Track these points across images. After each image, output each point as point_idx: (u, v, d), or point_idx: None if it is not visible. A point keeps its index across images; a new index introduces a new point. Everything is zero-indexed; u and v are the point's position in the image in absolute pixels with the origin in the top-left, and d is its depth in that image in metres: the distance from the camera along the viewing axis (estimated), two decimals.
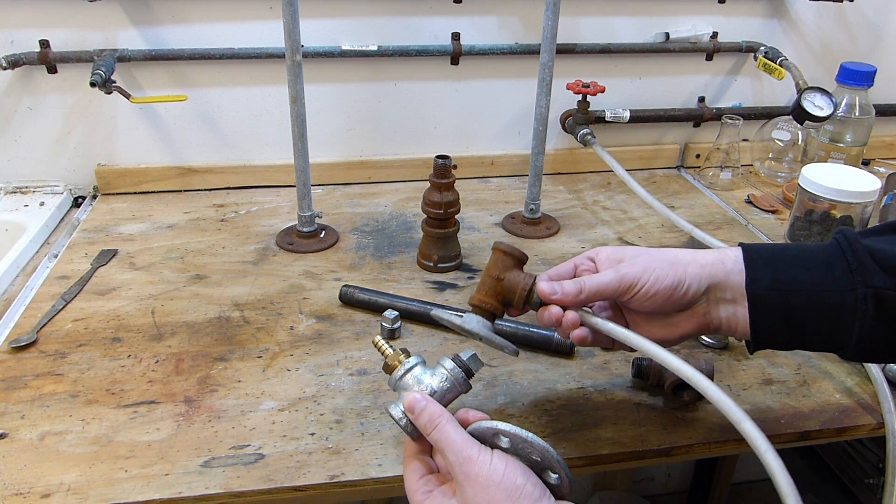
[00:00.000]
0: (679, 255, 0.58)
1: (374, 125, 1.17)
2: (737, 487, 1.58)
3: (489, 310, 0.61)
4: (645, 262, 0.57)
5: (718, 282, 0.56)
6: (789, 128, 1.20)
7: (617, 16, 1.17)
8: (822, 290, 0.53)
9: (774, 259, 0.55)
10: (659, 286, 0.56)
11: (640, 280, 0.56)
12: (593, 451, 0.65)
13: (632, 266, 0.57)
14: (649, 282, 0.56)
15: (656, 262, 0.57)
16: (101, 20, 1.03)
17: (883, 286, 0.52)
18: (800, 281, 0.54)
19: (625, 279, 0.57)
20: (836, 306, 0.53)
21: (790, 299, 0.54)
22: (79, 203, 1.11)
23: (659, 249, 0.59)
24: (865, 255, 0.53)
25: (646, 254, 0.58)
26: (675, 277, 0.56)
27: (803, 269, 0.54)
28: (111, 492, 0.59)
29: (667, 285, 0.56)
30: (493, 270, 0.61)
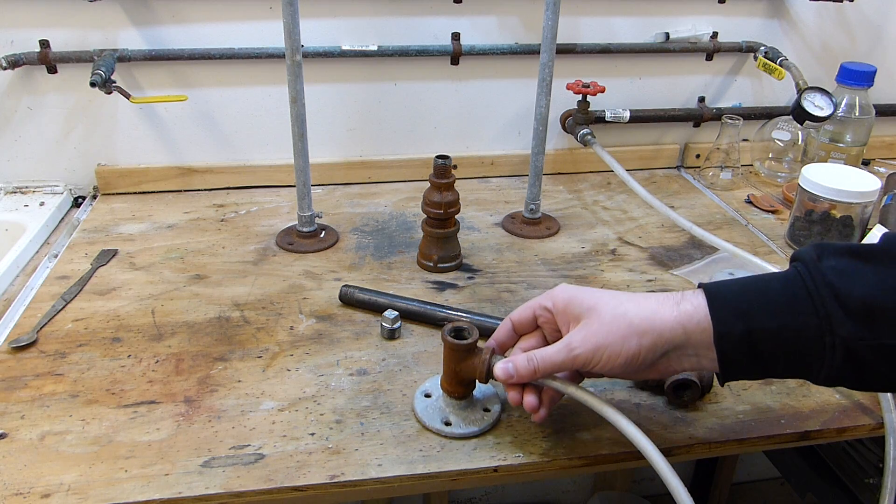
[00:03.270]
0: (635, 323, 0.56)
1: (374, 125, 1.17)
2: (737, 487, 1.59)
3: (458, 397, 0.66)
4: (596, 342, 0.56)
5: (678, 346, 0.55)
6: (789, 128, 1.20)
7: (617, 16, 1.17)
8: (789, 336, 0.53)
9: (741, 307, 0.54)
10: (612, 364, 0.56)
11: (591, 360, 0.57)
12: (593, 451, 0.65)
13: (583, 344, 0.57)
14: (601, 361, 0.56)
15: (609, 336, 0.56)
16: (101, 20, 1.03)
17: (850, 336, 0.51)
18: (767, 329, 0.53)
19: (577, 360, 0.57)
20: (805, 351, 0.53)
21: (759, 346, 0.53)
22: (79, 203, 1.11)
23: (616, 309, 0.57)
24: (831, 299, 0.52)
25: (599, 320, 0.57)
26: (628, 354, 0.56)
27: (770, 315, 0.53)
28: (111, 492, 0.59)
29: (620, 363, 0.56)
30: (450, 363, 0.65)
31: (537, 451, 0.64)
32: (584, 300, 0.59)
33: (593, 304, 0.58)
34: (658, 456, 0.56)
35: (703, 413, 0.70)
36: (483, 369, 0.63)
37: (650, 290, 0.90)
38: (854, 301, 0.51)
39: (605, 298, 0.58)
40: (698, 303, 0.55)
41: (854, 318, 0.51)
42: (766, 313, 0.53)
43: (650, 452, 0.56)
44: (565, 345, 0.58)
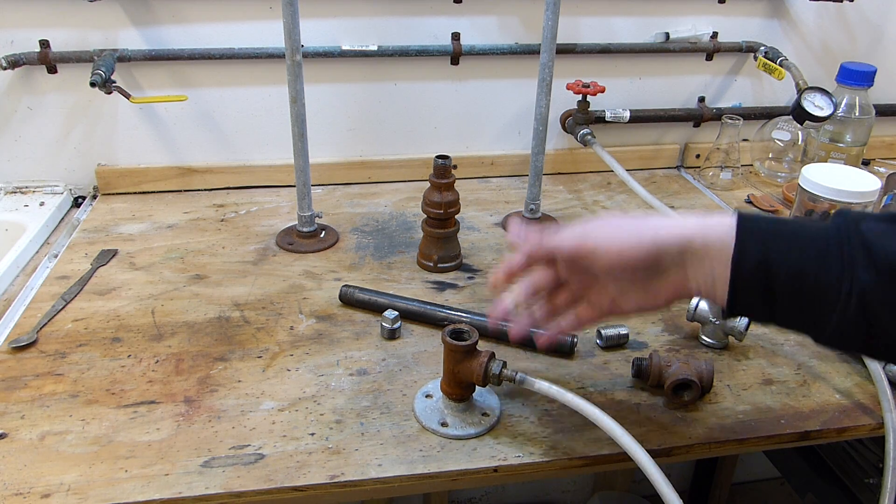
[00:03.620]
0: (651, 222, 0.56)
1: (374, 125, 1.17)
2: (737, 487, 1.59)
3: (456, 399, 0.67)
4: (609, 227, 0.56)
5: (695, 251, 0.54)
6: (789, 128, 1.20)
7: (617, 16, 1.17)
8: (808, 278, 0.51)
9: (768, 235, 0.53)
10: (621, 255, 0.55)
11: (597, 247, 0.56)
12: (593, 451, 0.65)
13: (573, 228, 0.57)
14: (611, 249, 0.55)
15: (621, 227, 0.56)
16: (101, 20, 1.03)
17: (870, 287, 0.50)
18: (788, 263, 0.52)
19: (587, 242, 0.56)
20: (819, 297, 0.51)
21: (774, 282, 0.52)
22: (79, 203, 1.11)
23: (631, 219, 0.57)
24: (860, 250, 0.50)
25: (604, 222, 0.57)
26: (640, 244, 0.54)
27: (796, 249, 0.52)
28: (111, 492, 0.59)
29: (630, 255, 0.55)
30: (449, 364, 0.65)
31: (537, 451, 0.64)
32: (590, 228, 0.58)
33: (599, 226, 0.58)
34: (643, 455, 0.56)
35: (703, 413, 0.70)
36: (480, 372, 0.63)
37: None
38: (883, 256, 0.50)
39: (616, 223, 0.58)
40: (726, 221, 0.53)
41: (879, 271, 0.50)
42: (792, 250, 0.52)
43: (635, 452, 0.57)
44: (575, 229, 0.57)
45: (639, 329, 0.82)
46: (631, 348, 0.79)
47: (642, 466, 0.57)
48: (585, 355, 0.78)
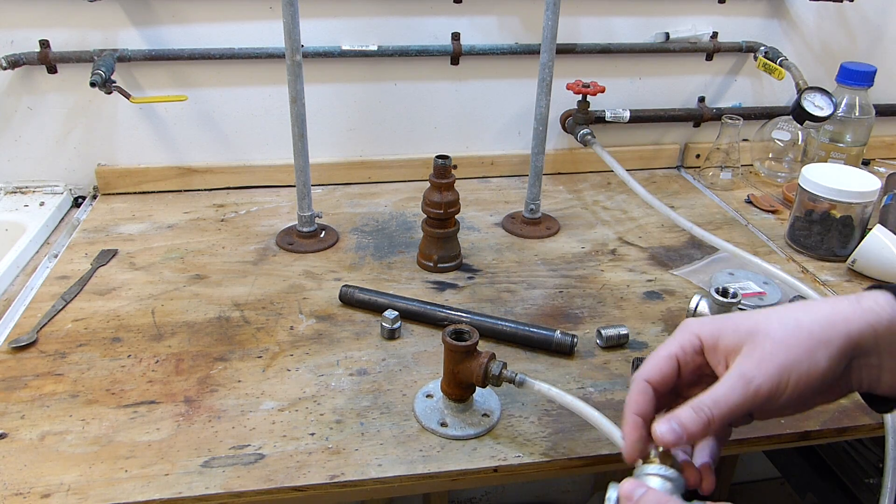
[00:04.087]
0: (816, 332, 0.44)
1: (374, 125, 1.17)
2: (737, 487, 1.58)
3: (456, 399, 0.66)
4: (778, 364, 0.44)
5: (865, 351, 0.45)
6: (789, 128, 1.20)
7: (617, 16, 1.17)
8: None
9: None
10: (803, 389, 0.44)
11: (776, 389, 0.44)
12: (593, 451, 0.65)
13: (762, 371, 0.44)
14: (789, 388, 0.44)
15: (791, 353, 0.44)
16: (101, 20, 1.03)
17: None
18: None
19: (759, 393, 0.44)
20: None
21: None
22: (79, 203, 1.11)
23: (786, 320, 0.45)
24: None
25: (770, 339, 0.45)
26: (819, 371, 0.44)
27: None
28: (111, 492, 0.59)
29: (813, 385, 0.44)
30: (449, 364, 0.65)
31: (537, 451, 0.64)
32: (739, 324, 0.47)
33: (753, 324, 0.46)
34: None
35: None
36: (480, 373, 0.63)
37: (651, 290, 0.90)
38: None
39: (766, 314, 0.47)
40: (883, 300, 0.45)
41: None
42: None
43: None
44: (738, 377, 0.44)
45: (639, 329, 0.82)
46: (631, 348, 0.79)
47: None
48: (585, 355, 0.78)
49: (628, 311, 0.86)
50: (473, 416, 0.67)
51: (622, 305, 0.87)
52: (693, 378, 0.49)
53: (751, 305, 0.86)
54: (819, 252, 0.98)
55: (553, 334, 0.77)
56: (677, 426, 0.44)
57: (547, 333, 0.77)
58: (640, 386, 0.48)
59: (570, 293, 0.89)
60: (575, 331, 0.81)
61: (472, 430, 0.66)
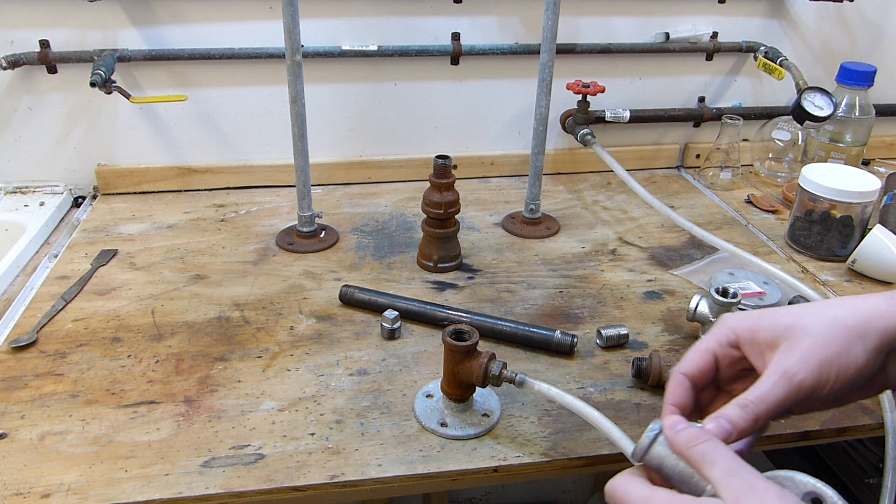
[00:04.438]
0: (852, 325, 0.45)
1: (374, 125, 1.17)
2: None
3: (456, 399, 0.66)
4: (819, 359, 0.45)
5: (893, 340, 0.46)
6: (789, 128, 1.20)
7: (617, 16, 1.17)
8: None
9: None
10: (843, 382, 0.45)
11: (818, 384, 0.45)
12: (593, 451, 0.65)
13: (804, 366, 0.45)
14: (830, 382, 0.45)
15: (830, 347, 0.45)
16: (101, 20, 1.03)
17: None
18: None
19: (802, 388, 0.45)
20: None
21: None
22: (79, 203, 1.11)
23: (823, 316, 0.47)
24: None
25: (809, 335, 0.46)
26: (858, 365, 0.45)
27: None
28: (111, 492, 0.59)
29: (850, 378, 0.45)
30: (449, 364, 0.65)
31: (537, 451, 0.64)
32: (777, 319, 0.48)
33: (791, 320, 0.47)
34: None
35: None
36: (480, 373, 0.63)
37: (651, 290, 0.90)
38: None
39: (803, 309, 0.48)
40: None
41: None
42: None
43: None
44: (781, 374, 0.45)
45: (639, 329, 0.82)
46: (631, 348, 0.79)
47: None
48: (585, 355, 0.78)
49: (628, 311, 0.86)
50: (473, 416, 0.67)
51: (622, 305, 0.87)
52: (733, 373, 0.50)
53: (751, 305, 0.86)
54: (819, 252, 0.98)
55: (553, 334, 0.77)
56: (726, 423, 0.44)
57: (547, 333, 0.77)
58: (677, 378, 0.49)
59: (570, 293, 0.89)
60: (575, 331, 0.81)
61: (472, 430, 0.66)
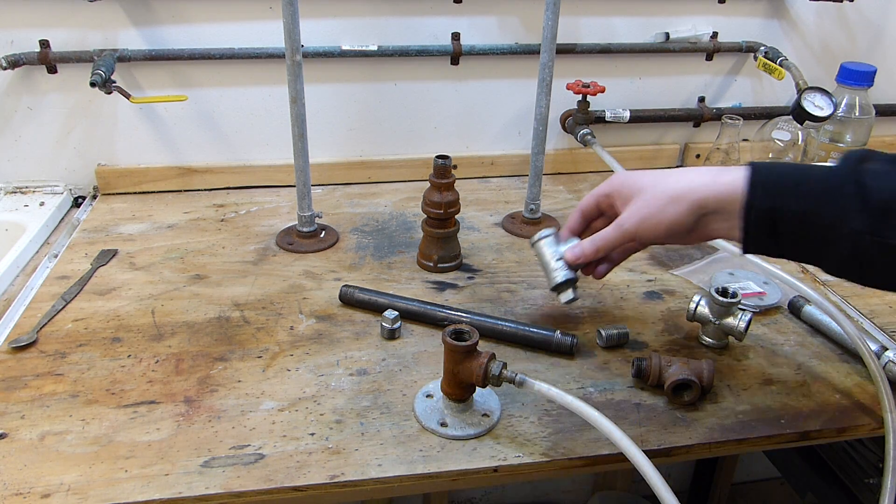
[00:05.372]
0: (671, 194, 0.64)
1: (374, 125, 1.17)
2: (737, 487, 1.59)
3: (456, 399, 0.66)
4: (641, 215, 0.66)
5: (711, 210, 0.63)
6: (789, 128, 1.20)
7: (617, 16, 1.17)
8: (808, 221, 0.57)
9: (776, 186, 0.59)
10: (657, 231, 0.66)
11: (638, 231, 0.67)
12: (593, 451, 0.65)
13: (630, 219, 0.67)
14: (647, 230, 0.66)
15: (650, 207, 0.65)
16: (101, 20, 1.03)
17: (860, 229, 0.55)
18: (793, 210, 0.58)
19: (627, 233, 0.68)
20: (818, 238, 0.57)
21: (780, 225, 0.59)
22: (79, 203, 1.11)
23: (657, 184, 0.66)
24: (853, 193, 0.55)
25: (643, 196, 0.66)
26: (668, 220, 0.64)
27: (798, 199, 0.58)
28: (111, 492, 0.59)
29: (663, 229, 0.65)
30: (449, 364, 0.65)
31: (537, 451, 0.64)
32: (636, 182, 0.68)
33: (642, 184, 0.67)
34: (641, 458, 0.57)
35: (703, 413, 0.70)
36: (480, 373, 0.63)
37: (651, 290, 0.90)
38: (875, 198, 0.55)
39: (651, 177, 0.67)
40: (736, 176, 0.61)
41: (870, 214, 0.55)
42: (795, 196, 0.58)
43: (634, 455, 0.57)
44: (616, 223, 0.69)
45: (639, 329, 0.82)
46: (631, 348, 0.79)
47: (641, 469, 0.57)
48: (585, 355, 0.78)
49: (628, 311, 0.86)
50: (473, 416, 0.67)
51: (622, 305, 0.87)
52: (612, 212, 0.72)
53: (751, 305, 0.86)
54: None
55: (553, 334, 0.77)
56: (578, 250, 0.74)
57: (547, 333, 0.77)
58: (575, 213, 0.76)
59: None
60: (575, 331, 0.81)
61: (472, 430, 0.66)
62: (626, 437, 0.58)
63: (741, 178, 0.60)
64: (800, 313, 0.85)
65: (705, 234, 0.65)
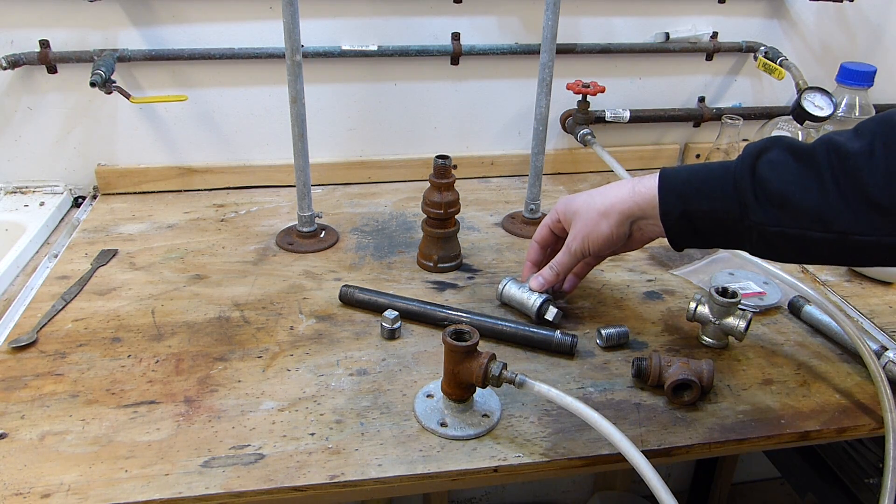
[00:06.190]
0: (601, 210, 0.72)
1: (374, 125, 1.17)
2: (737, 487, 1.59)
3: (456, 399, 0.67)
4: (582, 235, 0.74)
5: (638, 218, 0.71)
6: (789, 128, 1.20)
7: (617, 16, 1.17)
8: (719, 218, 0.64)
9: (684, 188, 0.66)
10: (599, 245, 0.74)
11: (586, 248, 0.75)
12: (593, 451, 0.65)
13: (574, 240, 0.76)
14: (591, 246, 0.75)
15: (587, 226, 0.74)
16: (101, 20, 1.03)
17: (760, 222, 0.61)
18: (701, 210, 0.65)
19: (577, 253, 0.76)
20: (732, 231, 0.64)
21: (696, 224, 0.66)
22: (79, 203, 1.11)
23: (588, 204, 0.74)
24: (749, 189, 0.61)
25: (579, 218, 0.75)
26: (603, 234, 0.73)
27: (705, 199, 0.65)
28: (111, 492, 0.59)
29: (602, 242, 0.73)
30: (449, 364, 0.65)
31: (537, 451, 0.64)
32: (573, 205, 0.76)
33: (576, 207, 0.76)
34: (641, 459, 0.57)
35: (703, 413, 0.70)
36: (480, 373, 0.63)
37: (651, 290, 0.90)
38: (769, 191, 0.61)
39: (582, 199, 0.75)
40: (651, 185, 0.69)
41: (765, 206, 0.61)
42: (702, 197, 0.65)
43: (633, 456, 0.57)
44: (566, 247, 0.77)
45: (639, 329, 0.82)
46: (631, 348, 0.79)
47: (640, 470, 0.57)
48: (585, 355, 0.78)
49: (628, 311, 0.86)
50: (473, 417, 0.67)
51: (622, 305, 0.87)
52: (564, 235, 0.79)
53: (751, 305, 0.86)
54: None
55: (553, 334, 0.77)
56: (541, 279, 0.80)
57: (547, 333, 0.77)
58: (532, 245, 0.84)
59: (570, 293, 0.89)
60: (575, 331, 0.81)
61: (472, 430, 0.66)
62: (625, 438, 0.58)
63: (654, 186, 0.68)
64: (800, 313, 0.85)
65: (643, 237, 0.73)
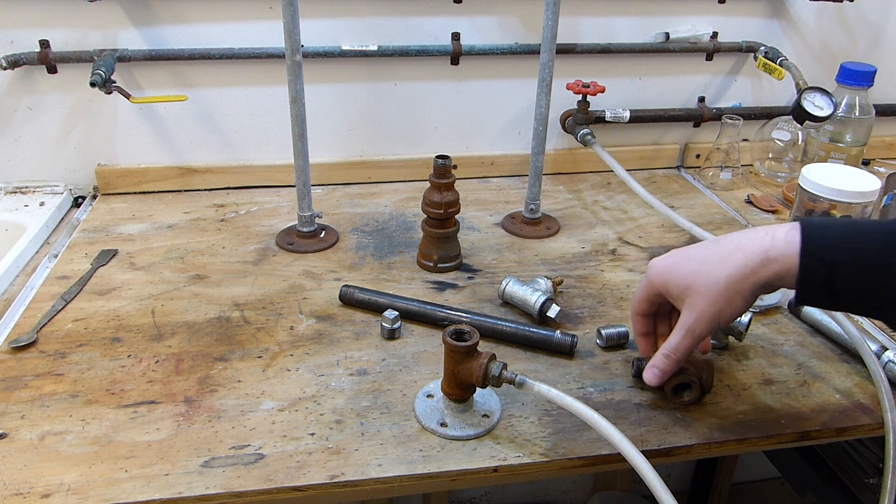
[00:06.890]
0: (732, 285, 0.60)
1: (374, 125, 1.17)
2: (737, 487, 1.59)
3: (456, 399, 0.66)
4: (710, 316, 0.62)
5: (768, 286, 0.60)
6: (789, 128, 1.20)
7: (617, 16, 1.17)
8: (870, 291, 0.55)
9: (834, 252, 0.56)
10: (728, 321, 0.63)
11: (711, 330, 0.64)
12: (593, 451, 0.65)
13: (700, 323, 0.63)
14: (722, 325, 0.64)
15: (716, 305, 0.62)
16: (101, 20, 1.03)
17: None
18: (853, 279, 0.55)
19: (702, 336, 0.64)
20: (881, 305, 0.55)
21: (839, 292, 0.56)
22: (79, 203, 1.11)
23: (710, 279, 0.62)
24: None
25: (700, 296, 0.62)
26: (737, 310, 0.62)
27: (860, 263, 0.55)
28: (111, 492, 0.59)
29: (734, 318, 0.63)
30: (449, 364, 0.65)
31: (537, 451, 0.64)
32: (676, 279, 0.65)
33: (687, 283, 0.63)
34: (641, 459, 0.57)
35: (703, 413, 0.70)
36: (480, 373, 0.63)
37: None
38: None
39: (691, 268, 0.63)
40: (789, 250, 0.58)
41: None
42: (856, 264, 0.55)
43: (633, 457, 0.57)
44: (687, 330, 0.64)
45: None
46: (631, 348, 0.79)
47: (640, 471, 0.57)
48: (585, 355, 0.78)
49: (628, 311, 0.86)
50: (473, 417, 0.67)
51: (622, 305, 0.87)
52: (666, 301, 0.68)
53: None
54: None
55: (553, 334, 0.77)
56: (656, 371, 0.67)
57: (547, 333, 0.77)
58: (635, 318, 0.71)
59: (570, 293, 0.89)
60: (575, 331, 0.81)
61: (472, 430, 0.66)
62: (625, 438, 0.58)
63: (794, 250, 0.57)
64: (800, 313, 0.85)
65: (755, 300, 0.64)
